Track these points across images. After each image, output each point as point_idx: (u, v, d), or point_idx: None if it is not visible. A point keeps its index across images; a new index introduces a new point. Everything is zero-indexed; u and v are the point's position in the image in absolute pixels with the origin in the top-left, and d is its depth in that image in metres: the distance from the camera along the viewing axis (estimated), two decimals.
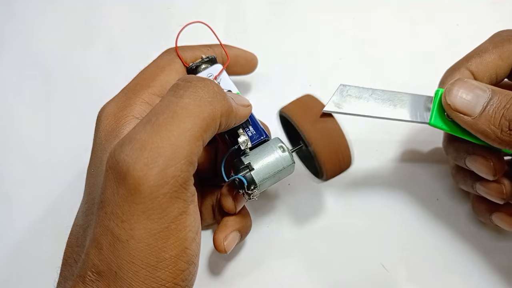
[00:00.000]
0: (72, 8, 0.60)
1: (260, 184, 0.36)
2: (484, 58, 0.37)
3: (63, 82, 0.56)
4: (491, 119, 0.32)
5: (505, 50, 0.37)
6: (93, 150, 0.36)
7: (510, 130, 0.32)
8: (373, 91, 0.37)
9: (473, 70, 0.37)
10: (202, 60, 0.41)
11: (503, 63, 0.37)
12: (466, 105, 0.33)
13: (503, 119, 0.32)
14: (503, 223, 0.40)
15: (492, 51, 0.37)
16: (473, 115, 0.33)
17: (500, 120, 0.32)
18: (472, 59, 0.37)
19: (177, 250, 0.30)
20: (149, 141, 0.29)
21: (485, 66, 0.37)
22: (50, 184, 0.51)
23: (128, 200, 0.28)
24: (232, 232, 0.40)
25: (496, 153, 0.37)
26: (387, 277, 0.44)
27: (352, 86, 0.37)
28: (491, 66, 0.37)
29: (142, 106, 0.36)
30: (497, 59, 0.37)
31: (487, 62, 0.37)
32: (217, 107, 0.31)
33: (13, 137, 0.54)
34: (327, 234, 0.46)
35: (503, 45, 0.37)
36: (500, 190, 0.38)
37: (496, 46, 0.37)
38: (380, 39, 0.54)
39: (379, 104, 0.36)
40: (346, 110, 0.36)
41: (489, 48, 0.37)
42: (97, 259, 0.29)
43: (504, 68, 0.37)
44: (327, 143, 0.36)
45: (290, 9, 0.56)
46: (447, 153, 0.41)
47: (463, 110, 0.33)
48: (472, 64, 0.37)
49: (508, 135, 0.32)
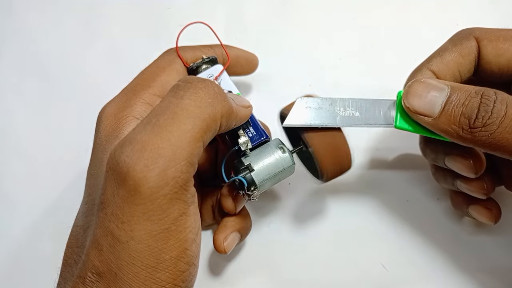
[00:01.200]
0: (72, 8, 0.60)
1: (260, 185, 0.36)
2: (445, 57, 0.37)
3: (63, 82, 0.56)
4: (451, 118, 0.32)
5: (465, 48, 0.36)
6: (93, 150, 0.36)
7: (470, 128, 0.31)
8: (333, 100, 0.36)
9: (435, 70, 0.37)
10: (202, 60, 0.41)
11: (464, 61, 0.36)
12: (425, 105, 0.33)
13: (462, 117, 0.31)
14: (479, 216, 0.40)
15: (451, 50, 0.37)
16: (432, 115, 0.33)
17: (460, 118, 0.31)
18: (433, 59, 0.37)
19: (177, 251, 0.30)
20: (149, 142, 0.29)
21: (446, 65, 0.36)
22: (50, 184, 0.51)
23: (128, 201, 0.28)
24: (232, 233, 0.40)
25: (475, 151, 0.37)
26: (387, 277, 0.44)
27: (311, 98, 0.37)
28: (452, 64, 0.36)
29: (142, 107, 0.36)
30: (457, 56, 0.36)
31: (448, 61, 0.37)
32: (218, 108, 0.31)
33: (13, 137, 0.54)
34: (327, 234, 0.46)
35: (462, 42, 0.37)
36: (481, 186, 0.38)
37: (455, 45, 0.37)
38: (380, 39, 0.53)
39: (342, 113, 0.36)
40: (306, 122, 0.36)
41: (449, 47, 0.37)
42: (97, 260, 0.29)
43: (466, 66, 0.37)
44: (327, 144, 0.36)
45: (290, 9, 0.56)
46: (425, 155, 0.41)
47: (422, 111, 0.33)
48: (433, 64, 0.37)
49: (470, 133, 0.31)
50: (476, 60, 0.37)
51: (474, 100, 0.31)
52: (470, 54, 0.36)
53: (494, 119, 0.30)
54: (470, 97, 0.32)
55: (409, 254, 0.44)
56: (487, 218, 0.40)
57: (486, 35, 0.36)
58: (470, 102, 0.31)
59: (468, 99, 0.31)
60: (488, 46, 0.36)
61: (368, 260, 0.45)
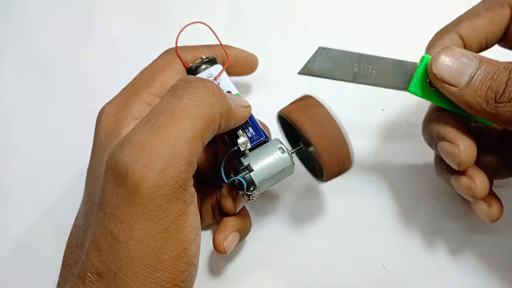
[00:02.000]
0: (72, 8, 0.60)
1: (260, 185, 0.36)
2: (475, 22, 0.36)
3: (63, 82, 0.56)
4: (477, 90, 0.31)
5: (497, 14, 0.35)
6: (93, 150, 0.36)
7: (496, 103, 0.31)
8: (352, 55, 0.36)
9: (463, 35, 0.36)
10: (202, 60, 0.41)
11: (495, 28, 0.35)
12: (453, 75, 0.32)
13: (489, 91, 0.31)
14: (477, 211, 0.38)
15: (483, 15, 0.36)
16: (459, 86, 0.32)
17: (487, 92, 0.31)
18: (462, 23, 0.36)
19: (177, 251, 0.30)
20: (148, 142, 0.29)
21: (475, 31, 0.36)
22: (50, 184, 0.51)
23: (128, 201, 0.28)
24: (232, 233, 0.40)
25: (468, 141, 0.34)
26: (387, 277, 0.44)
27: (330, 49, 0.36)
28: (481, 30, 0.36)
29: (141, 107, 0.36)
30: (488, 23, 0.35)
31: (478, 26, 0.36)
32: (217, 108, 0.31)
33: (13, 137, 0.54)
34: (327, 234, 0.46)
35: (495, 8, 0.35)
36: (468, 186, 0.36)
37: (487, 10, 0.36)
38: (380, 39, 0.53)
39: (359, 70, 0.36)
40: (321, 73, 0.36)
41: (481, 12, 0.36)
42: (97, 260, 0.29)
43: (495, 33, 0.36)
44: (328, 143, 0.36)
45: (290, 9, 0.56)
46: (424, 137, 0.40)
47: (449, 80, 0.33)
48: (461, 28, 0.36)
49: (494, 107, 0.31)
50: (506, 28, 0.36)
51: (502, 75, 0.31)
52: (502, 22, 0.35)
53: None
54: (499, 71, 0.31)
55: (409, 254, 0.44)
56: (484, 215, 0.38)
57: None
58: (498, 76, 0.31)
59: (497, 73, 0.31)
60: None
61: (368, 260, 0.45)
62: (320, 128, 0.36)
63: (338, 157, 0.37)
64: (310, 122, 0.36)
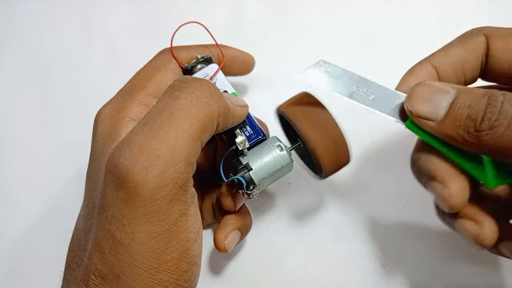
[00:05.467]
0: (72, 8, 0.60)
1: (259, 184, 0.36)
2: (448, 51, 0.35)
3: (63, 82, 0.56)
4: (456, 121, 0.30)
5: (471, 43, 0.34)
6: (92, 153, 0.36)
7: (477, 131, 0.29)
8: (352, 76, 0.35)
9: (435, 64, 0.35)
10: (197, 60, 0.41)
11: (469, 56, 0.34)
12: (428, 110, 0.31)
13: (468, 120, 0.29)
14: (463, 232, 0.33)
15: (456, 45, 0.35)
16: (437, 119, 0.31)
17: (466, 121, 0.29)
18: (436, 54, 0.35)
19: (179, 251, 0.30)
20: (147, 144, 0.29)
21: (448, 60, 0.34)
22: (50, 184, 0.51)
23: (128, 203, 0.28)
24: (233, 231, 0.40)
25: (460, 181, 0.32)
26: (387, 277, 0.44)
27: (332, 64, 0.36)
28: (455, 59, 0.34)
29: (138, 108, 0.36)
30: (461, 51, 0.34)
31: (452, 55, 0.34)
32: (214, 108, 0.31)
33: (13, 137, 0.54)
34: (327, 234, 0.46)
35: (469, 38, 0.35)
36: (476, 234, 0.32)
37: (461, 40, 0.35)
38: (380, 39, 0.53)
39: (357, 90, 0.35)
40: (321, 84, 0.35)
41: (454, 42, 0.35)
42: (99, 263, 0.29)
43: (471, 62, 0.34)
44: (324, 140, 0.36)
45: (290, 9, 0.56)
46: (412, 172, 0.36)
47: (426, 115, 0.31)
48: (435, 58, 0.35)
49: (476, 137, 0.29)
50: (484, 59, 0.34)
51: (480, 102, 0.29)
52: (476, 50, 0.34)
53: (502, 120, 0.28)
54: (476, 98, 0.30)
55: (409, 254, 0.44)
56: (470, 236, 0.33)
57: (497, 31, 0.34)
58: (476, 103, 0.29)
59: (475, 101, 0.29)
60: (498, 42, 0.34)
61: (368, 260, 0.45)
62: (316, 125, 0.36)
63: (335, 152, 0.37)
64: (306, 119, 0.37)
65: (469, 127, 0.29)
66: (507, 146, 0.28)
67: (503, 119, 0.28)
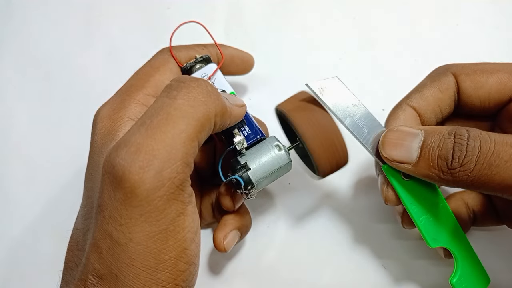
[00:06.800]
0: (72, 8, 0.60)
1: (257, 184, 0.36)
2: (424, 92, 0.37)
3: (63, 82, 0.56)
4: (429, 162, 0.32)
5: (443, 83, 0.37)
6: (90, 153, 0.36)
7: (449, 170, 0.31)
8: (358, 104, 0.36)
9: (415, 106, 0.37)
10: (196, 60, 0.41)
11: (443, 96, 0.37)
12: (402, 154, 0.33)
13: (439, 160, 0.31)
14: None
15: (430, 85, 0.37)
16: (411, 162, 0.32)
17: (438, 161, 0.31)
18: (412, 95, 0.37)
19: (177, 251, 0.30)
20: (144, 144, 0.29)
21: (425, 101, 0.37)
22: (50, 184, 0.51)
23: (125, 203, 0.28)
24: (232, 231, 0.40)
25: None
26: (387, 277, 0.44)
27: (344, 87, 0.37)
28: (431, 100, 0.37)
29: (137, 107, 0.36)
30: (436, 92, 0.37)
31: (427, 96, 0.37)
32: (211, 107, 0.31)
33: (13, 137, 0.54)
34: (327, 234, 0.46)
35: (440, 78, 0.37)
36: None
37: (433, 80, 0.37)
38: (380, 39, 0.53)
39: (355, 119, 0.36)
40: (324, 99, 0.36)
41: (427, 83, 0.37)
42: (97, 263, 0.29)
43: (446, 101, 0.37)
44: (322, 139, 0.36)
45: (290, 9, 0.56)
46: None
47: (400, 159, 0.33)
48: (412, 100, 0.37)
49: (450, 175, 0.31)
50: (456, 95, 0.37)
51: (448, 141, 0.31)
52: (448, 89, 0.37)
53: (470, 157, 0.30)
54: (444, 138, 0.31)
55: (409, 254, 0.44)
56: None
57: (462, 70, 0.37)
58: (444, 143, 0.31)
59: (442, 140, 0.31)
60: (467, 80, 0.36)
61: (368, 260, 0.45)
62: (314, 124, 0.36)
63: (333, 152, 0.37)
64: (304, 117, 0.37)
65: (442, 166, 0.31)
66: (480, 180, 0.30)
67: (471, 155, 0.30)
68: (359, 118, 0.36)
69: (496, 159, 0.29)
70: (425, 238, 0.35)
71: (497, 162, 0.29)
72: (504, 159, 0.29)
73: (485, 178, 0.30)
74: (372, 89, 0.50)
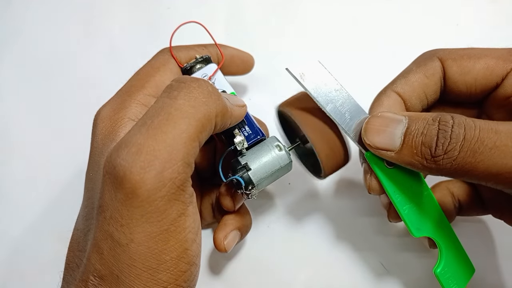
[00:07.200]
0: (72, 8, 0.60)
1: (258, 184, 0.36)
2: (409, 78, 0.36)
3: (63, 82, 0.56)
4: (413, 149, 0.31)
5: (429, 68, 0.36)
6: (91, 154, 0.36)
7: (433, 157, 0.30)
8: (340, 89, 0.36)
9: (399, 92, 0.36)
10: (196, 60, 0.41)
11: (429, 81, 0.36)
12: (385, 141, 0.32)
13: (423, 147, 0.30)
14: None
15: (416, 70, 0.36)
16: (394, 149, 0.32)
17: (421, 149, 0.30)
18: (397, 81, 0.37)
19: (178, 251, 0.30)
20: (144, 144, 0.29)
21: (410, 86, 0.36)
22: (50, 184, 0.51)
23: (126, 204, 0.28)
24: (232, 231, 0.40)
25: None
26: (387, 277, 0.44)
27: (326, 71, 0.36)
28: (417, 85, 0.36)
29: (137, 108, 0.36)
30: (422, 77, 0.36)
31: (412, 81, 0.36)
32: (212, 107, 0.31)
33: (13, 137, 0.54)
34: (327, 234, 0.46)
35: (426, 63, 0.36)
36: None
37: (419, 66, 0.36)
38: (380, 39, 0.53)
39: (337, 104, 0.35)
40: (305, 84, 0.35)
41: (413, 68, 0.37)
42: (98, 263, 0.29)
43: (432, 86, 0.36)
44: (325, 138, 0.36)
45: (290, 9, 0.56)
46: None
47: (383, 146, 0.32)
48: (397, 86, 0.36)
49: (434, 163, 0.30)
50: (442, 81, 0.36)
51: (432, 128, 0.30)
52: (434, 75, 0.36)
53: (454, 144, 0.29)
54: (428, 125, 0.30)
55: (409, 254, 0.45)
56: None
57: (449, 55, 0.36)
58: (428, 130, 0.30)
59: (426, 127, 0.30)
60: (453, 66, 0.35)
61: (368, 260, 0.45)
62: (317, 124, 0.36)
63: (335, 151, 0.37)
64: (307, 117, 0.37)
65: (425, 154, 0.30)
66: (464, 168, 0.29)
67: (455, 143, 0.29)
68: (342, 104, 0.35)
69: (480, 146, 0.28)
70: (409, 228, 0.34)
71: (481, 149, 0.28)
72: (488, 146, 0.28)
73: (469, 166, 0.29)
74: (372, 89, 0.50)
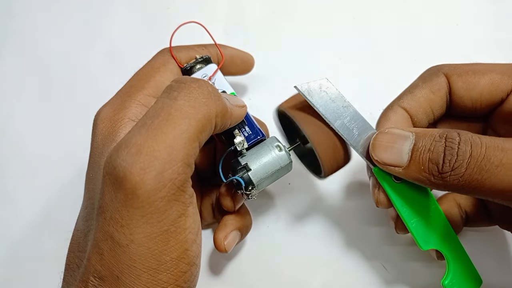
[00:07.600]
0: (72, 8, 0.60)
1: (258, 184, 0.36)
2: (415, 93, 0.36)
3: (63, 82, 0.56)
4: (420, 165, 0.31)
5: (435, 84, 0.36)
6: (91, 154, 0.36)
7: (440, 174, 0.30)
8: (348, 106, 0.36)
9: (406, 107, 0.36)
10: (196, 60, 0.40)
11: (435, 97, 0.36)
12: (392, 157, 0.33)
13: (430, 164, 0.31)
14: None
15: (422, 86, 0.37)
16: (402, 165, 0.32)
17: (428, 165, 0.31)
18: (404, 97, 0.37)
19: (178, 252, 0.30)
20: (144, 145, 0.29)
21: (417, 102, 0.36)
22: (50, 184, 0.51)
23: (127, 204, 0.28)
24: (232, 231, 0.40)
25: None
26: (387, 277, 0.44)
27: (333, 87, 0.36)
28: (423, 101, 0.36)
29: (137, 108, 0.36)
30: (428, 93, 0.36)
31: (419, 97, 0.36)
32: (212, 108, 0.31)
33: (13, 137, 0.54)
34: (327, 234, 0.46)
35: (432, 79, 0.36)
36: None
37: (425, 81, 0.37)
38: (380, 39, 0.53)
39: (345, 121, 0.36)
40: (313, 101, 0.35)
41: (419, 84, 0.37)
42: (98, 264, 0.29)
43: (438, 102, 0.36)
44: (325, 138, 0.36)
45: (290, 9, 0.56)
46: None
47: (391, 162, 0.33)
48: (404, 101, 0.36)
49: (441, 179, 0.30)
50: (448, 96, 0.37)
51: (439, 145, 0.30)
52: (440, 90, 0.36)
53: (461, 161, 0.29)
54: (434, 141, 0.31)
55: (409, 254, 0.44)
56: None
57: (454, 70, 0.36)
58: (435, 147, 0.31)
59: (433, 144, 0.31)
60: (458, 81, 0.36)
61: (368, 260, 0.45)
62: (317, 124, 0.36)
63: (336, 152, 0.37)
64: (307, 117, 0.37)
65: (433, 170, 0.31)
66: (471, 185, 0.29)
67: (462, 160, 0.29)
68: (349, 120, 0.36)
69: (486, 163, 0.29)
70: (417, 241, 0.35)
71: (488, 167, 0.29)
72: (494, 163, 0.29)
73: (475, 182, 0.29)
74: (371, 89, 0.50)
